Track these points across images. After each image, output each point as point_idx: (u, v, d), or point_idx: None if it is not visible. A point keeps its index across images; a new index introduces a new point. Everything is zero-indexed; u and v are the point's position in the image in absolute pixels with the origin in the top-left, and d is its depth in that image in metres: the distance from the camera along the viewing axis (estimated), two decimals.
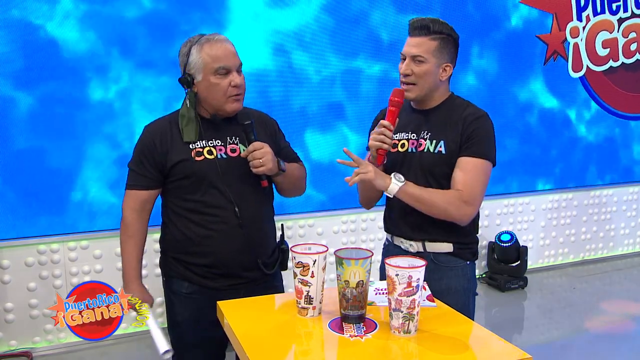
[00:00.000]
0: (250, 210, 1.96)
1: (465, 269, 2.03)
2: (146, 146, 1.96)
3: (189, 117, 1.94)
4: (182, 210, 1.96)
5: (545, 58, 4.55)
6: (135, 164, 1.98)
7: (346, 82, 3.96)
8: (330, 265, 1.66)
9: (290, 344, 1.51)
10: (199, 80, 1.90)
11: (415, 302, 1.45)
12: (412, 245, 2.03)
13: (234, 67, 1.92)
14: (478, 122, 1.95)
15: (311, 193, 3.92)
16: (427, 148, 1.98)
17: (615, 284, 4.68)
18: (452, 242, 2.00)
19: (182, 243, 1.97)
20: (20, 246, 3.29)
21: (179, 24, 3.44)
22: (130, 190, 1.99)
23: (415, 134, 2.02)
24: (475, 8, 4.27)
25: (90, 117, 3.34)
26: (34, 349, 3.35)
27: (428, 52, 1.93)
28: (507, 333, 3.70)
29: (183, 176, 1.93)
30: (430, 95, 1.99)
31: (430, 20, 1.94)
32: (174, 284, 2.01)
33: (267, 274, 2.02)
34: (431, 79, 1.96)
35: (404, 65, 1.96)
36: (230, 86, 1.90)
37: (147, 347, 3.38)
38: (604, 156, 5.00)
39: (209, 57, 1.88)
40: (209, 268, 1.96)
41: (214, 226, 1.93)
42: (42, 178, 3.28)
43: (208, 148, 1.95)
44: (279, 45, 3.72)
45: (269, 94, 3.72)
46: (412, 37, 1.96)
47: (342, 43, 3.89)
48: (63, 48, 3.23)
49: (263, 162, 1.90)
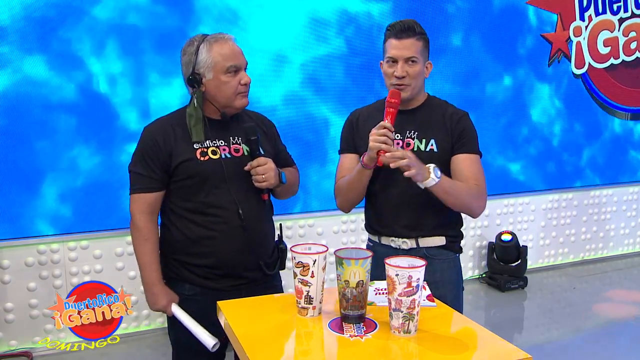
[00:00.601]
0: (252, 210, 1.96)
1: (456, 261, 2.12)
2: (150, 147, 1.92)
3: (197, 116, 1.93)
4: (183, 210, 1.95)
5: (549, 56, 4.65)
6: (139, 166, 1.94)
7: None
8: (330, 265, 1.66)
9: (290, 344, 1.51)
10: (209, 78, 1.90)
11: (415, 302, 1.45)
12: (405, 242, 2.06)
13: (243, 66, 1.94)
14: (464, 121, 2.04)
15: (312, 193, 3.93)
16: (417, 147, 2.01)
17: (615, 284, 4.68)
18: (444, 236, 2.06)
19: (183, 244, 1.96)
20: (20, 246, 3.29)
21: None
22: (138, 194, 1.95)
23: (400, 134, 2.04)
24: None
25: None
26: (33, 349, 3.35)
27: (418, 53, 1.98)
28: (507, 333, 3.70)
29: (186, 176, 1.92)
30: (418, 94, 2.05)
31: (412, 22, 1.99)
32: (175, 286, 1.98)
33: (268, 274, 2.02)
34: (421, 78, 2.03)
35: (399, 68, 1.98)
36: (240, 84, 1.92)
37: (147, 347, 3.38)
38: (604, 156, 5.01)
39: (220, 55, 1.89)
40: (211, 269, 1.95)
41: (217, 227, 1.92)
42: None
43: (212, 148, 1.94)
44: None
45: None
46: (399, 39, 1.98)
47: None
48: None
49: (266, 178, 1.92)
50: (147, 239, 1.95)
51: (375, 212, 2.13)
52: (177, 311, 1.91)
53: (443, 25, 4.20)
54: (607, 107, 4.94)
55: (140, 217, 1.94)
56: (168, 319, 2.04)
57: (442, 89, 4.11)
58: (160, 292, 1.94)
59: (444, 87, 4.19)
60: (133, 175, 1.96)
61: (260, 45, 3.66)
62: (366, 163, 1.95)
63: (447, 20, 4.22)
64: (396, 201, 2.03)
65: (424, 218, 2.03)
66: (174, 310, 1.92)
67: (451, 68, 4.26)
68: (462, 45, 4.30)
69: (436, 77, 4.09)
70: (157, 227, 1.99)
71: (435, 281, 1.96)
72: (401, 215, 2.04)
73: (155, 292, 1.94)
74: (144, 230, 1.95)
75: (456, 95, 4.08)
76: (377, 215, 2.12)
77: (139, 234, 1.95)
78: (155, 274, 1.95)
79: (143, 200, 1.94)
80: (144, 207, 1.94)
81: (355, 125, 2.13)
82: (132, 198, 1.96)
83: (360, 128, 2.09)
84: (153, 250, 1.96)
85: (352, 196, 2.09)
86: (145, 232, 1.95)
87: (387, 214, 2.07)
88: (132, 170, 1.97)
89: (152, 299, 1.95)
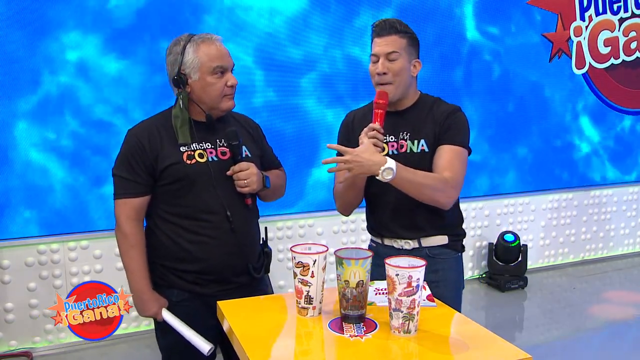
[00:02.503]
0: (240, 214, 1.93)
1: (458, 260, 2.11)
2: (135, 150, 1.87)
3: (183, 118, 1.88)
4: (171, 215, 1.91)
5: (550, 55, 4.65)
6: (124, 170, 1.88)
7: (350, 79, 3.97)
8: (330, 265, 1.66)
9: (290, 344, 1.51)
10: (195, 79, 1.87)
11: (415, 302, 1.45)
12: (407, 243, 2.05)
13: (229, 67, 1.91)
14: (454, 115, 2.01)
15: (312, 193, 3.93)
16: (410, 149, 2.01)
17: (616, 284, 4.68)
18: (446, 235, 2.05)
19: (170, 250, 1.91)
20: (20, 246, 3.29)
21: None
22: (123, 199, 1.89)
23: (394, 136, 2.03)
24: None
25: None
26: (34, 349, 3.35)
27: (401, 48, 1.96)
28: (507, 333, 3.70)
29: (173, 180, 1.87)
30: (405, 93, 2.02)
31: (395, 21, 1.99)
32: (162, 292, 1.94)
33: (256, 277, 2.00)
34: (406, 75, 1.99)
35: (380, 64, 1.96)
36: (226, 86, 1.89)
37: (146, 347, 3.38)
38: (603, 155, 5.00)
39: (207, 56, 1.85)
40: (200, 274, 1.91)
41: (206, 231, 1.89)
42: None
43: (199, 151, 1.90)
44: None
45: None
46: (380, 37, 1.98)
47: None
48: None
49: (248, 183, 1.90)
50: (134, 246, 1.90)
51: (375, 214, 2.13)
52: (168, 316, 1.88)
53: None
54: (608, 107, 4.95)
55: (127, 223, 1.89)
56: (156, 324, 1.99)
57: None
58: (150, 298, 1.90)
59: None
60: (118, 179, 1.91)
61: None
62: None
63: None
64: (394, 203, 2.02)
65: (423, 218, 2.01)
66: (165, 315, 1.89)
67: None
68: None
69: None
70: (143, 232, 1.94)
71: (436, 280, 1.95)
72: (400, 216, 2.03)
73: (145, 299, 1.89)
74: (131, 237, 1.89)
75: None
76: (377, 218, 2.11)
77: (126, 241, 1.90)
78: (145, 280, 1.91)
79: (129, 205, 1.89)
80: (130, 212, 1.89)
81: (351, 127, 2.12)
82: (117, 203, 1.91)
83: (356, 129, 2.07)
84: (141, 257, 1.91)
85: (349, 199, 2.09)
86: (132, 238, 1.90)
87: (387, 216, 2.07)
88: (116, 175, 1.91)
89: (141, 306, 1.90)
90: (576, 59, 4.75)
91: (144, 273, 1.91)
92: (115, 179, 1.92)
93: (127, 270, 1.92)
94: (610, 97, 4.94)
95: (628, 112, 5.05)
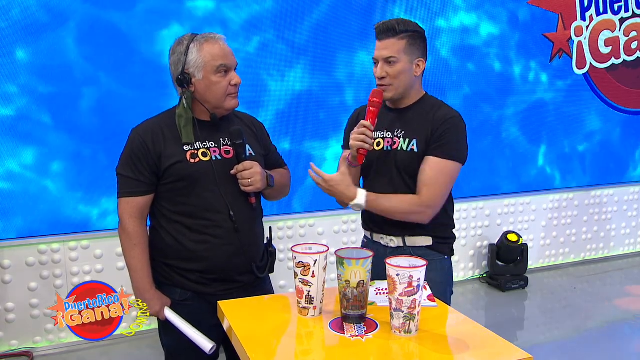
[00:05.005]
0: (244, 213, 1.94)
1: (443, 263, 2.10)
2: (139, 149, 1.88)
3: (187, 117, 1.90)
4: (174, 214, 1.91)
5: (551, 55, 4.65)
6: (128, 169, 1.89)
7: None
8: (331, 265, 1.66)
9: (291, 344, 1.51)
10: (199, 79, 1.88)
11: (416, 302, 1.45)
12: (392, 241, 2.07)
13: (233, 66, 1.92)
14: (450, 123, 1.98)
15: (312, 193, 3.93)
16: (401, 146, 2.02)
17: (616, 284, 4.68)
18: (431, 236, 2.06)
19: (174, 249, 1.92)
20: (21, 246, 3.29)
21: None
22: (126, 197, 1.90)
23: (390, 132, 2.06)
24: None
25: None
26: (34, 349, 3.35)
27: (399, 52, 1.97)
28: (508, 333, 3.70)
29: (177, 179, 1.88)
30: (407, 93, 2.03)
31: (395, 22, 1.99)
32: (166, 291, 1.95)
33: (259, 277, 2.00)
34: (406, 77, 2.00)
35: (378, 69, 1.99)
36: (230, 85, 1.90)
37: (147, 347, 3.38)
38: (604, 155, 5.00)
39: (210, 55, 1.86)
40: (204, 274, 1.92)
41: (209, 231, 1.90)
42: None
43: (203, 150, 1.91)
44: None
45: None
46: (380, 41, 2.00)
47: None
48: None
49: (252, 182, 1.90)
50: (137, 244, 1.91)
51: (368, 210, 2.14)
52: (171, 315, 1.89)
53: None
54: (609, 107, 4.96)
55: (130, 222, 1.90)
56: (159, 323, 2.00)
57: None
58: (153, 297, 1.90)
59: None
60: (121, 178, 1.92)
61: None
62: (351, 161, 2.00)
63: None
64: None
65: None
66: (168, 314, 1.89)
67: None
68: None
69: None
70: (146, 231, 1.95)
71: None
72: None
73: (147, 297, 1.89)
74: (134, 235, 1.90)
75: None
76: (368, 212, 2.12)
77: (129, 239, 1.91)
78: (147, 279, 1.92)
79: (132, 204, 1.90)
80: (134, 211, 1.90)
81: (355, 122, 2.14)
82: (120, 202, 1.92)
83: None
84: (143, 255, 1.92)
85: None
86: (135, 237, 1.91)
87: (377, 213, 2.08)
88: (120, 174, 1.92)
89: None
90: (577, 59, 4.75)
91: (147, 272, 1.92)
92: (119, 177, 1.93)
93: (130, 269, 1.93)
94: (611, 97, 4.94)
95: (629, 112, 5.05)
